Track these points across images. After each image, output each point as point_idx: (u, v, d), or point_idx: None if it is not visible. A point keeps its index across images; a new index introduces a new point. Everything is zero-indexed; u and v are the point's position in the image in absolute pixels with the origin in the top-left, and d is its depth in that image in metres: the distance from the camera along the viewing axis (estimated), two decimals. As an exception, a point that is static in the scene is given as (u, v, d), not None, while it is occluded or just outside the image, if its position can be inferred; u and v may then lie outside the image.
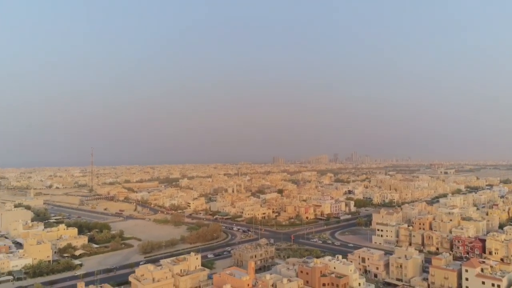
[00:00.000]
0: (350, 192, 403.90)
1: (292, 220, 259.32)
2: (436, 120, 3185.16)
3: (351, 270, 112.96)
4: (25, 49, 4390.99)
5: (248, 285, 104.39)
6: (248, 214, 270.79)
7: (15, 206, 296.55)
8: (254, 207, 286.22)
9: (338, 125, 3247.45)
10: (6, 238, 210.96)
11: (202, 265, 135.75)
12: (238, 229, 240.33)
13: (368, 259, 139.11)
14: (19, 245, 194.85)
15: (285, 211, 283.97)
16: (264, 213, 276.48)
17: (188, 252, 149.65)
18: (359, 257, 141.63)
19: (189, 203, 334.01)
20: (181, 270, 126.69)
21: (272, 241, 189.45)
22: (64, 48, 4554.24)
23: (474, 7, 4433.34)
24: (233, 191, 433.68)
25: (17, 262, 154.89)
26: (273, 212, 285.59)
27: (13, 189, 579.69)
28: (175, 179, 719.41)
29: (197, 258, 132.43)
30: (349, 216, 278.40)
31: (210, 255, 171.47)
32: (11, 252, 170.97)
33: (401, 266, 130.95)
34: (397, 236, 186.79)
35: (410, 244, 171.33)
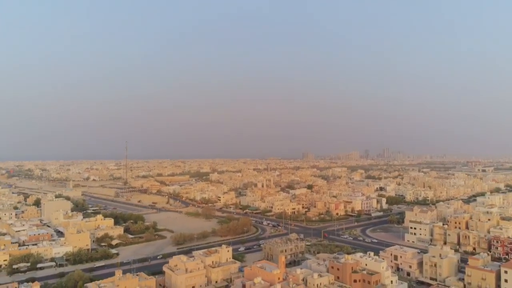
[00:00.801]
0: (381, 189, 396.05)
1: (322, 216, 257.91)
2: (473, 118, 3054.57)
3: (383, 267, 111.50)
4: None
5: (279, 278, 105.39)
6: (278, 209, 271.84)
7: (56, 197, 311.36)
8: (284, 202, 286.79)
9: (369, 121, 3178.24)
10: (48, 226, 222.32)
11: (233, 257, 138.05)
12: (268, 223, 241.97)
13: (401, 257, 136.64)
14: (60, 233, 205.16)
15: (315, 206, 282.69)
16: (293, 208, 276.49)
17: (219, 245, 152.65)
18: (391, 254, 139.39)
19: (219, 197, 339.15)
20: (212, 262, 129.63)
21: (302, 236, 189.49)
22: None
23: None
24: (262, 186, 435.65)
25: (59, 250, 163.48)
26: (302, 207, 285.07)
27: (53, 181, 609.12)
28: (205, 173, 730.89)
29: (228, 251, 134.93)
30: (381, 213, 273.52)
31: (240, 249, 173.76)
32: (53, 240, 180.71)
33: (435, 265, 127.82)
34: (431, 234, 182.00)
35: (445, 243, 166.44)
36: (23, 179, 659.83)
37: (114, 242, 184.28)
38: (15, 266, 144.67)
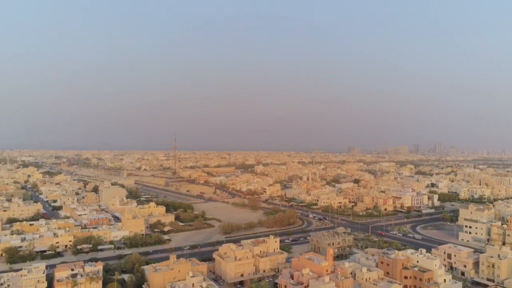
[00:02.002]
0: (433, 185, 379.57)
1: (370, 211, 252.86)
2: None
3: (436, 265, 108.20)
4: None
5: (327, 271, 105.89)
6: (324, 203, 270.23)
7: (112, 185, 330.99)
8: (330, 195, 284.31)
9: (421, 115, 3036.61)
10: (106, 211, 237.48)
11: (280, 248, 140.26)
12: (314, 216, 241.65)
13: (455, 255, 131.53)
14: (116, 218, 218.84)
15: (362, 201, 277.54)
16: (340, 202, 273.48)
17: (266, 236, 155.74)
18: (444, 252, 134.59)
19: (265, 189, 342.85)
20: (260, 252, 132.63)
21: (349, 230, 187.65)
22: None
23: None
24: (307, 179, 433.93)
25: (117, 233, 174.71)
26: (349, 201, 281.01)
27: (108, 169, 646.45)
28: (251, 165, 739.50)
29: (276, 242, 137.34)
30: (432, 210, 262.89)
31: (286, 240, 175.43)
32: (111, 224, 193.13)
33: (493, 265, 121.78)
34: (488, 234, 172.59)
35: (503, 244, 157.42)
36: (81, 167, 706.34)
37: (166, 229, 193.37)
38: (79, 247, 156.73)
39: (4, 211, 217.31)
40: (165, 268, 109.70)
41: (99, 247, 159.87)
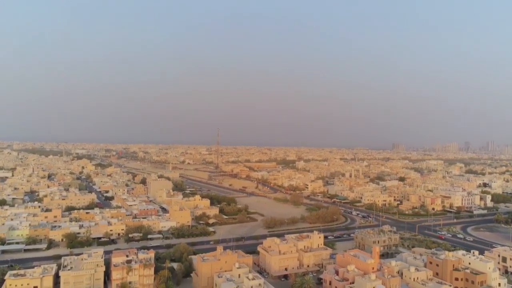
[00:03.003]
0: (485, 185, 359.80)
1: (416, 210, 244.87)
2: None
3: (489, 268, 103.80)
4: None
5: (373, 268, 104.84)
6: (368, 200, 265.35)
7: (158, 177, 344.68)
8: (374, 193, 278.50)
9: (471, 109, 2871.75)
10: (154, 203, 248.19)
11: (324, 244, 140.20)
12: (357, 214, 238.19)
13: (511, 259, 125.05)
14: (163, 209, 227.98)
15: (408, 200, 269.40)
16: (384, 200, 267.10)
17: (309, 231, 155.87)
18: (498, 255, 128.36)
19: (307, 185, 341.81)
20: (304, 247, 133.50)
21: (394, 229, 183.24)
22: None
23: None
24: (350, 176, 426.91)
25: (165, 224, 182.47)
26: (394, 200, 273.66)
27: (154, 163, 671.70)
28: (292, 161, 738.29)
29: (320, 237, 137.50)
30: (485, 211, 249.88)
31: (330, 237, 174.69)
32: (159, 215, 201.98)
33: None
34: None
35: None
36: (129, 160, 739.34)
37: (210, 221, 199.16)
38: (130, 235, 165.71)
39: (63, 199, 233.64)
40: (212, 258, 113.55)
41: (149, 236, 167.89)
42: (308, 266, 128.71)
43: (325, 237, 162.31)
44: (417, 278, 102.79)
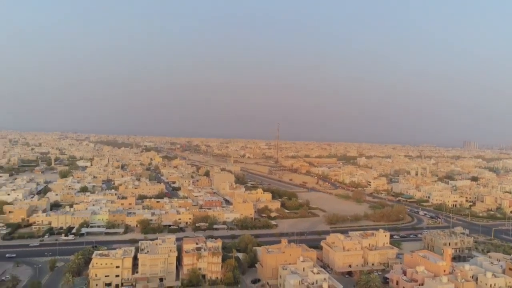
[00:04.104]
0: None
1: (492, 212, 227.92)
2: None
3: None
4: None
5: (445, 271, 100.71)
6: (436, 200, 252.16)
7: (221, 170, 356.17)
8: (443, 193, 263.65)
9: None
10: (217, 195, 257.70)
11: (389, 244, 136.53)
12: (425, 214, 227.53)
13: None
14: (227, 201, 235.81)
15: (482, 201, 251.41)
16: (455, 201, 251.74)
17: (373, 229, 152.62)
18: None
19: (370, 182, 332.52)
20: (369, 245, 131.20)
21: (467, 231, 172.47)
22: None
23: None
24: (416, 174, 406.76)
25: (229, 215, 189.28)
26: (466, 201, 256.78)
27: (216, 156, 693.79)
28: (352, 157, 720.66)
29: (385, 236, 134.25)
30: None
31: (395, 236, 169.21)
32: (223, 207, 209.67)
33: None
34: None
35: None
36: (193, 153, 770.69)
37: (272, 214, 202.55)
38: (197, 224, 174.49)
39: (135, 188, 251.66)
40: (277, 251, 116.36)
41: (214, 226, 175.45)
42: (373, 264, 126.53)
43: (390, 236, 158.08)
44: (494, 285, 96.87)
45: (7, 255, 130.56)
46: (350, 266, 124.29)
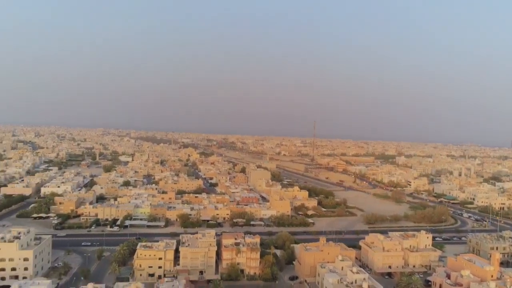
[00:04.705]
0: None
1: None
2: None
3: None
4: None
5: (492, 276, 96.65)
6: (482, 202, 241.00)
7: (257, 167, 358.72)
8: (490, 195, 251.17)
9: None
10: (254, 191, 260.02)
11: (431, 246, 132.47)
12: (469, 216, 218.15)
13: None
14: (263, 198, 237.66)
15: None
16: (502, 203, 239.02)
17: (413, 230, 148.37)
18: None
19: (409, 182, 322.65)
20: (410, 246, 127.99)
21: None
22: None
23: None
24: (459, 175, 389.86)
25: (266, 212, 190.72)
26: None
27: (251, 153, 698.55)
28: (391, 156, 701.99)
29: (428, 238, 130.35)
30: None
31: (437, 238, 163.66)
32: (260, 204, 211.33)
33: None
34: None
35: None
36: (228, 150, 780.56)
37: (309, 213, 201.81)
38: (234, 220, 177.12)
39: (174, 183, 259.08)
40: (315, 249, 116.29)
41: (251, 222, 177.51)
42: (414, 266, 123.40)
43: (433, 238, 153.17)
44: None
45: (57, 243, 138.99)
46: (389, 267, 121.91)
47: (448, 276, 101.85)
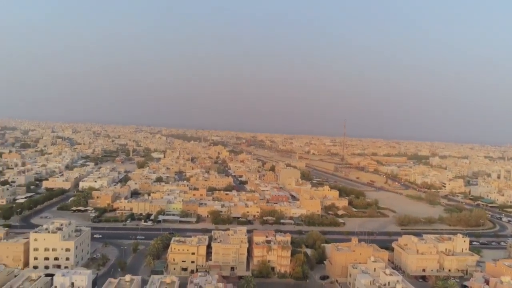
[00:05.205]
0: None
1: None
2: None
3: None
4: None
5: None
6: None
7: (286, 166, 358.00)
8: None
9: None
10: (283, 190, 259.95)
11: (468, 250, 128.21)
12: (509, 220, 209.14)
13: None
14: (292, 197, 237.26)
15: None
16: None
17: (448, 234, 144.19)
18: None
19: (444, 184, 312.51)
20: (446, 249, 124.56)
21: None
22: None
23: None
24: (498, 177, 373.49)
25: (296, 211, 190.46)
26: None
27: (280, 152, 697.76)
28: (424, 156, 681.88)
29: (465, 241, 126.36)
30: None
31: (475, 242, 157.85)
32: (290, 202, 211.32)
33: None
34: None
35: None
36: (257, 148, 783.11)
37: (340, 212, 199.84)
38: (264, 218, 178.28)
39: (205, 180, 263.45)
40: (346, 249, 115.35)
41: (281, 221, 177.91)
42: (449, 270, 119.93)
43: (470, 242, 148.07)
44: None
45: (95, 236, 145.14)
46: (424, 270, 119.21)
47: (487, 282, 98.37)
